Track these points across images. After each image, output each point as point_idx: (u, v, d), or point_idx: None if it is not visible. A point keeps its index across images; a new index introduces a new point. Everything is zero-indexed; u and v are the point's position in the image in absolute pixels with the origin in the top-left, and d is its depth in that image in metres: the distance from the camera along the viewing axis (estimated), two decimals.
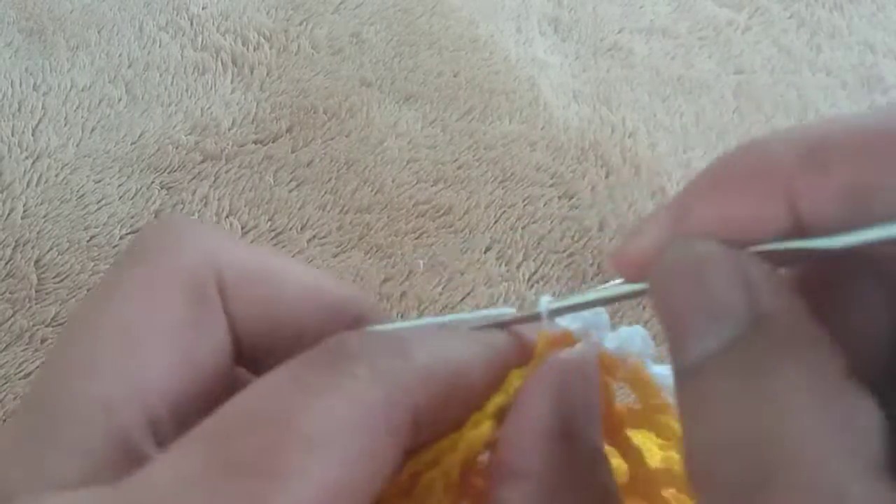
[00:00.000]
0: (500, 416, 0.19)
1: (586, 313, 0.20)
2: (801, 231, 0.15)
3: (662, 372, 0.19)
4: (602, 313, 0.20)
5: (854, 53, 0.67)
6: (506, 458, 0.18)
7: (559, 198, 0.54)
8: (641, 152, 0.58)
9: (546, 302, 0.19)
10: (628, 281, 0.18)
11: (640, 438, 0.20)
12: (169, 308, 0.18)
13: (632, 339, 0.20)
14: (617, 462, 0.20)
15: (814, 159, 0.15)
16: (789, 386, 0.14)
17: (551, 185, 0.55)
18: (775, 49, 0.67)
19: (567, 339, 0.20)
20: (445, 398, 0.18)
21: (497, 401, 0.19)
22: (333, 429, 0.16)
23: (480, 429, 0.18)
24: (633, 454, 0.20)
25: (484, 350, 0.19)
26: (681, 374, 0.15)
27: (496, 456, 0.18)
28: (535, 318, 0.19)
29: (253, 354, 0.20)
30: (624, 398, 0.21)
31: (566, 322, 0.20)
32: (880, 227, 0.14)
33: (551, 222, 0.53)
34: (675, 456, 0.19)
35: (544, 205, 0.54)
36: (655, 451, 0.21)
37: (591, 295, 0.19)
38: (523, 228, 0.52)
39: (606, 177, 0.56)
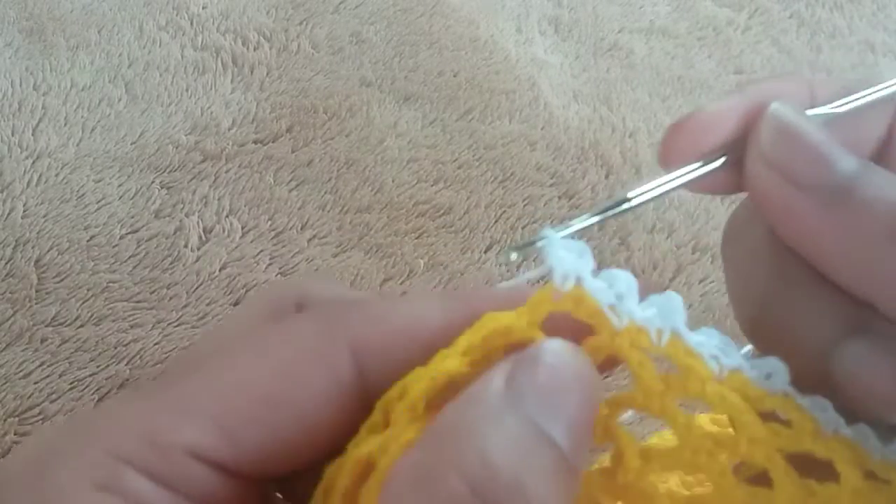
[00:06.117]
0: (471, 355, 0.18)
1: (615, 277, 0.19)
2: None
3: (699, 339, 0.19)
4: (630, 279, 0.19)
5: (854, 53, 0.67)
6: None
7: (559, 198, 0.54)
8: (641, 152, 0.58)
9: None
10: (678, 156, 0.20)
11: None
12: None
13: (664, 307, 0.19)
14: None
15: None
16: None
17: (551, 185, 0.55)
18: (775, 49, 0.67)
19: (581, 306, 0.19)
20: (393, 341, 0.19)
21: (468, 339, 0.18)
22: (261, 346, 0.19)
23: (446, 362, 0.18)
24: (681, 421, 0.19)
25: (448, 313, 0.20)
26: (851, 170, 0.19)
27: None
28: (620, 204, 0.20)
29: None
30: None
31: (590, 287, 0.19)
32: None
33: (551, 222, 0.53)
34: (721, 419, 0.19)
35: (544, 205, 0.54)
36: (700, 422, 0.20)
37: (669, 178, 0.20)
38: (523, 228, 0.52)
39: (606, 177, 0.56)
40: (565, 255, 0.19)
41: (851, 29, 0.68)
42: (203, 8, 0.64)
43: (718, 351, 0.18)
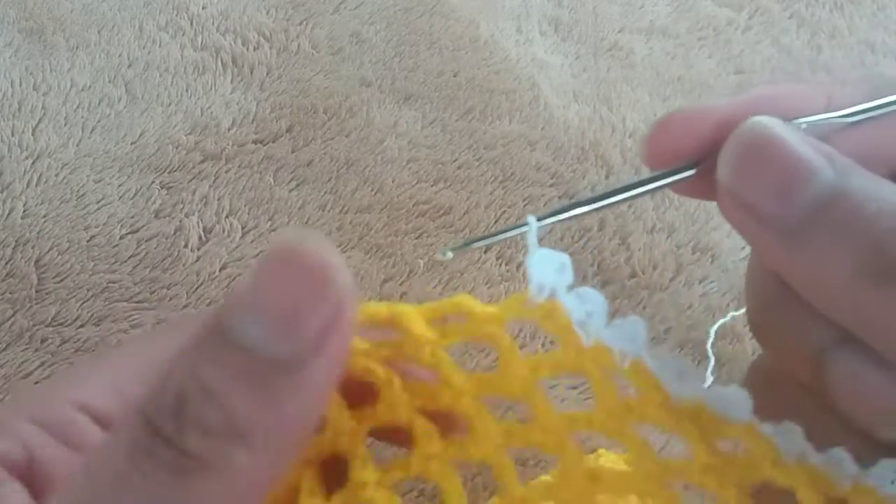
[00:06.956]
0: (431, 318, 0.19)
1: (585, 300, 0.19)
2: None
3: (660, 364, 0.19)
4: (600, 300, 0.19)
5: (854, 53, 0.67)
6: None
7: (559, 198, 0.54)
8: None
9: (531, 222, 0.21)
10: (660, 155, 0.20)
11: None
12: None
13: (629, 331, 0.19)
14: (614, 458, 0.20)
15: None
16: None
17: (551, 185, 0.55)
18: (775, 49, 0.67)
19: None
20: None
21: (434, 309, 0.19)
22: None
23: (410, 321, 0.19)
24: (637, 443, 0.19)
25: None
26: (819, 198, 0.17)
27: None
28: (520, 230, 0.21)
29: None
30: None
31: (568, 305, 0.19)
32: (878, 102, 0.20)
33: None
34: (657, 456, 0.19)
35: (544, 205, 0.54)
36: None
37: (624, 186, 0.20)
38: None
39: (606, 177, 0.56)
40: (546, 264, 0.19)
41: (851, 29, 0.68)
42: (203, 8, 0.64)
43: (678, 377, 0.18)
